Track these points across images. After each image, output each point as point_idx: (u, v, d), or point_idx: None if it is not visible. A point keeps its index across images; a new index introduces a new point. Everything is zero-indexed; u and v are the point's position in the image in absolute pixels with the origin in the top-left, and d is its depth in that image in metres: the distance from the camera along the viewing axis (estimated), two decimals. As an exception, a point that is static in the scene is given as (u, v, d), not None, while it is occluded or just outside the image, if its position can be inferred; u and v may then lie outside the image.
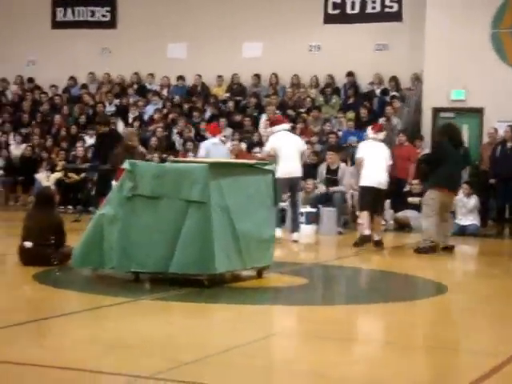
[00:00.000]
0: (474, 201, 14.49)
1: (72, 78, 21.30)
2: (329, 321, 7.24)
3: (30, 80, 21.69)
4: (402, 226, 15.18)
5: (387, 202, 15.60)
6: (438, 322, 7.47)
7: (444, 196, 11.66)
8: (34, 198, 9.89)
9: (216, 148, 14.29)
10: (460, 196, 14.54)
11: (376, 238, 12.13)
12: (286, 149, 12.46)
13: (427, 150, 15.99)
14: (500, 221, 15.09)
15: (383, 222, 15.46)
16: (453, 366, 5.83)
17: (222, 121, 18.49)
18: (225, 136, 15.87)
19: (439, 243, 11.70)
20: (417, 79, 18.23)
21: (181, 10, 20.45)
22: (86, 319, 7.00)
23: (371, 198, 12.04)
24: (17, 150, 19.27)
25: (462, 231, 14.33)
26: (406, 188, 15.78)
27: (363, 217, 12.16)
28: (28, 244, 9.24)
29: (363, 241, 12.10)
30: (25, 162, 18.65)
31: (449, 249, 11.81)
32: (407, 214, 15.25)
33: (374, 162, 12.02)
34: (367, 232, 12.08)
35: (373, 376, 5.41)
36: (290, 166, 12.39)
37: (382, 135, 12.46)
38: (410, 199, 15.38)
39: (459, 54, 17.18)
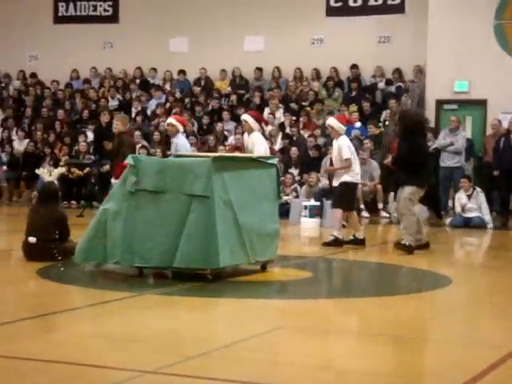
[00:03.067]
0: (482, 196, 14.42)
1: (75, 71, 21.29)
2: (333, 314, 7.24)
3: (33, 75, 21.68)
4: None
5: (391, 195, 15.60)
6: (443, 314, 7.46)
7: (422, 192, 11.19)
8: (38, 194, 9.86)
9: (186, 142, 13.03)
10: (461, 191, 14.50)
11: (362, 236, 11.38)
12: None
13: (436, 143, 15.93)
14: (504, 213, 15.05)
15: (387, 215, 15.50)
16: (458, 358, 5.82)
17: (226, 114, 18.54)
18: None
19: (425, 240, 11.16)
20: (420, 71, 18.18)
21: (182, 3, 20.43)
22: (89, 314, 7.01)
23: (355, 196, 11.62)
24: (20, 145, 19.26)
25: (467, 223, 14.30)
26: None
27: (354, 218, 11.50)
28: (32, 239, 9.25)
29: (339, 244, 11.21)
30: (28, 158, 18.63)
31: (427, 245, 11.18)
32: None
33: (356, 157, 11.46)
34: (342, 234, 11.33)
35: (377, 369, 5.40)
36: None
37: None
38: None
39: (462, 46, 17.13)
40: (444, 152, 15.69)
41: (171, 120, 12.26)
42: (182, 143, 11.91)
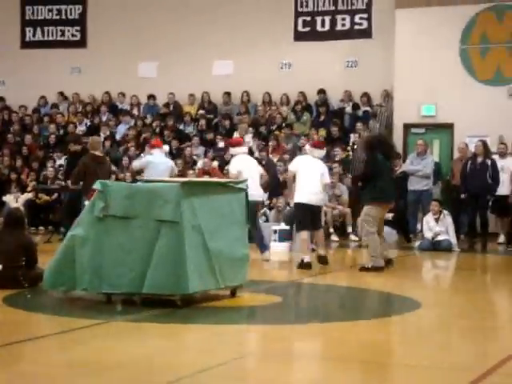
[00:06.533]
0: (449, 219, 14.50)
1: (42, 98, 21.17)
2: (304, 340, 7.20)
3: (0, 99, 21.52)
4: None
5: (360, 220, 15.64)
6: (412, 338, 7.46)
7: (381, 210, 11.54)
8: (3, 220, 9.75)
9: (160, 162, 13.46)
10: (429, 214, 14.57)
11: (320, 252, 11.79)
12: (250, 172, 12.04)
13: (403, 167, 16.05)
14: (471, 236, 15.15)
15: (356, 238, 15.54)
16: (429, 382, 5.81)
17: (196, 139, 18.55)
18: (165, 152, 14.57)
19: (387, 261, 11.41)
20: (387, 95, 18.33)
21: (151, 28, 20.44)
22: (57, 343, 6.92)
23: (307, 216, 11.56)
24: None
25: (435, 246, 14.36)
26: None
27: (303, 238, 11.70)
28: (-2, 266, 9.13)
29: (304, 267, 11.54)
30: (-6, 184, 18.45)
31: (390, 263, 11.52)
32: (380, 229, 15.26)
33: (308, 178, 11.51)
34: (307, 258, 11.58)
35: (348, 395, 5.37)
36: (256, 188, 11.97)
37: (318, 152, 11.86)
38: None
39: (429, 70, 17.32)
40: (412, 176, 15.78)
41: None
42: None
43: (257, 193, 12.03)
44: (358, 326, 7.78)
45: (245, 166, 12.19)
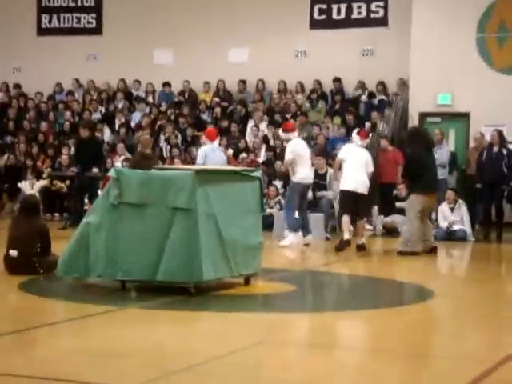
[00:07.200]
0: (464, 208, 14.50)
1: (58, 85, 21.21)
2: (317, 328, 7.21)
3: (16, 86, 21.57)
4: (390, 231, 15.18)
5: (375, 208, 15.62)
6: (426, 328, 7.45)
7: (427, 200, 12.14)
8: (19, 206, 9.80)
9: (214, 154, 13.90)
10: (444, 203, 14.54)
11: (359, 241, 12.33)
12: (305, 155, 12.92)
13: None
14: (487, 225, 15.09)
15: (371, 227, 15.51)
16: (441, 372, 5.81)
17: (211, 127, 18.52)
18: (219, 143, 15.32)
19: (422, 249, 12.09)
20: (403, 84, 18.24)
21: (167, 16, 20.42)
22: (72, 329, 6.95)
23: (350, 202, 12.32)
24: (2, 158, 19.12)
25: (450, 236, 14.32)
26: (395, 192, 15.78)
27: (344, 221, 12.40)
28: (13, 253, 9.18)
29: (343, 245, 12.29)
30: (10, 170, 18.53)
31: (433, 251, 12.22)
32: (395, 218, 15.23)
33: (354, 166, 12.24)
34: (346, 236, 12.26)
35: (361, 384, 5.38)
36: (308, 171, 13.06)
37: (365, 142, 12.78)
38: (398, 204, 15.37)
39: (445, 59, 17.21)
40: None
41: None
42: (200, 151, 14.01)
43: (308, 176, 13.02)
44: (371, 316, 7.77)
45: (300, 151, 12.86)
